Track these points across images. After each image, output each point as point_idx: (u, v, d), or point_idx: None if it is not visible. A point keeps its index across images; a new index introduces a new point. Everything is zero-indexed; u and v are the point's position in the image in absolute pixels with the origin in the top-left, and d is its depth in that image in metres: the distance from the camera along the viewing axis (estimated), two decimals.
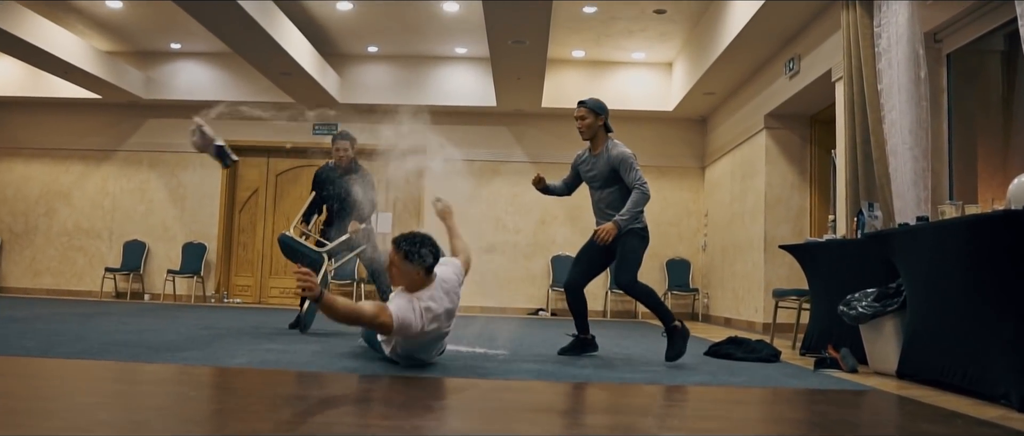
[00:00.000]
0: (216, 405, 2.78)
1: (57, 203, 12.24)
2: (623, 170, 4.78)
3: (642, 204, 4.75)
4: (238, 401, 2.89)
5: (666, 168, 11.76)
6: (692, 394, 3.49)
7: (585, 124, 4.88)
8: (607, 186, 4.90)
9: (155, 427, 2.32)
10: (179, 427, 2.34)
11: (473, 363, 4.34)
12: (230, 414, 2.60)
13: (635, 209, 4.72)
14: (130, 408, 2.66)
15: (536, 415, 2.79)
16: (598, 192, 4.97)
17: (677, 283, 11.52)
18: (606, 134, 4.95)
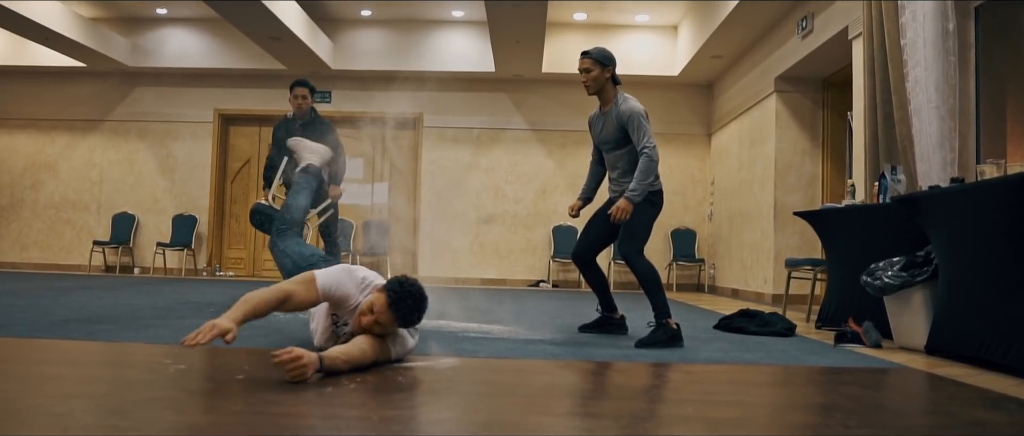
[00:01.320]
0: (147, 392, 2.44)
1: (43, 175, 11.89)
2: (631, 127, 4.30)
3: (652, 172, 4.25)
4: (173, 387, 2.56)
5: (671, 135, 11.36)
6: (704, 374, 3.15)
7: (590, 77, 4.39)
8: (619, 147, 4.40)
9: (76, 417, 1.98)
10: (97, 415, 2.00)
11: (464, 340, 4.00)
12: (162, 403, 2.26)
13: (645, 179, 4.22)
14: (47, 393, 2.33)
15: (522, 400, 2.45)
16: (609, 155, 4.50)
17: (682, 253, 11.18)
18: (614, 87, 4.44)
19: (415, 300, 2.90)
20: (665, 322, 4.10)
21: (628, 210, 4.20)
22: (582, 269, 4.62)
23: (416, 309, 2.92)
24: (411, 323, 2.96)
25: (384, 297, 2.86)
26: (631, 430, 2.08)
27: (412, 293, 2.90)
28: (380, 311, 2.85)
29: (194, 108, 11.68)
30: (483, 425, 2.10)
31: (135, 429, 1.93)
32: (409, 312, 2.90)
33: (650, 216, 4.33)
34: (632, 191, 4.21)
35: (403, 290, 2.89)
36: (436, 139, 11.51)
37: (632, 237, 4.29)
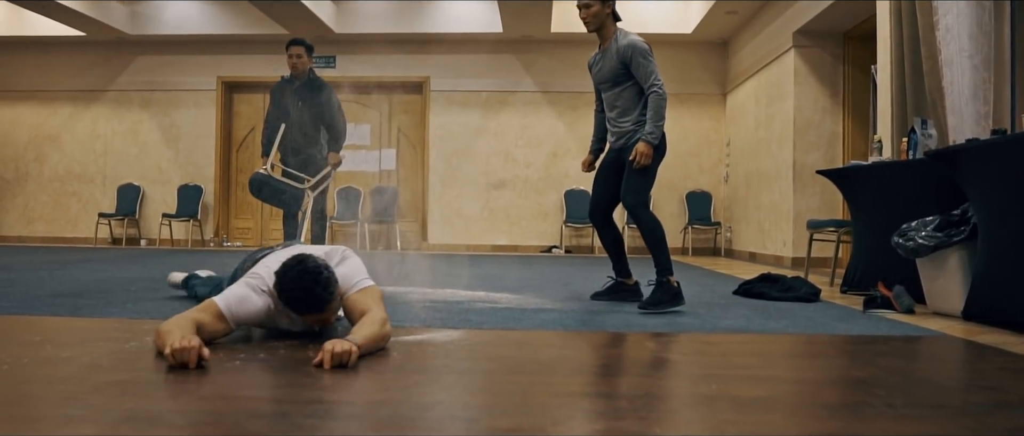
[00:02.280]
0: (112, 374, 2.22)
1: (47, 148, 11.70)
2: (635, 64, 4.04)
3: (663, 110, 4.02)
4: (140, 368, 2.34)
5: (685, 95, 11.04)
6: (726, 345, 2.91)
7: (590, 13, 4.12)
8: (616, 85, 4.16)
9: (26, 404, 1.77)
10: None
11: (469, 311, 3.77)
12: (123, 387, 2.04)
13: (658, 118, 4.00)
14: (2, 377, 2.12)
15: (527, 378, 2.21)
16: (608, 94, 4.25)
17: (698, 217, 10.90)
18: (614, 24, 4.19)
19: (304, 290, 2.51)
20: (666, 280, 3.89)
21: (649, 154, 3.99)
22: (598, 227, 4.40)
23: (307, 298, 2.53)
24: (317, 309, 2.59)
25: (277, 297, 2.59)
26: (648, 413, 1.84)
27: (295, 284, 2.52)
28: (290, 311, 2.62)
29: (197, 76, 11.43)
30: (481, 410, 1.87)
31: (86, 418, 1.71)
32: (302, 304, 2.56)
33: (654, 162, 4.10)
34: (650, 133, 4.00)
35: (284, 286, 2.54)
36: (444, 103, 11.23)
37: (636, 186, 4.07)
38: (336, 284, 2.60)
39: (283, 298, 2.55)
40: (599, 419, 1.79)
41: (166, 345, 2.20)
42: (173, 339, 2.20)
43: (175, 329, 2.31)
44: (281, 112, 5.88)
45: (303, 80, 5.88)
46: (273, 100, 5.97)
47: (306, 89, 5.87)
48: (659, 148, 4.11)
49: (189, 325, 2.39)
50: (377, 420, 1.74)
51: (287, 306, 2.58)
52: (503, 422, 1.74)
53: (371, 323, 2.59)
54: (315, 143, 5.95)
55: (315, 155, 5.96)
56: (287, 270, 2.53)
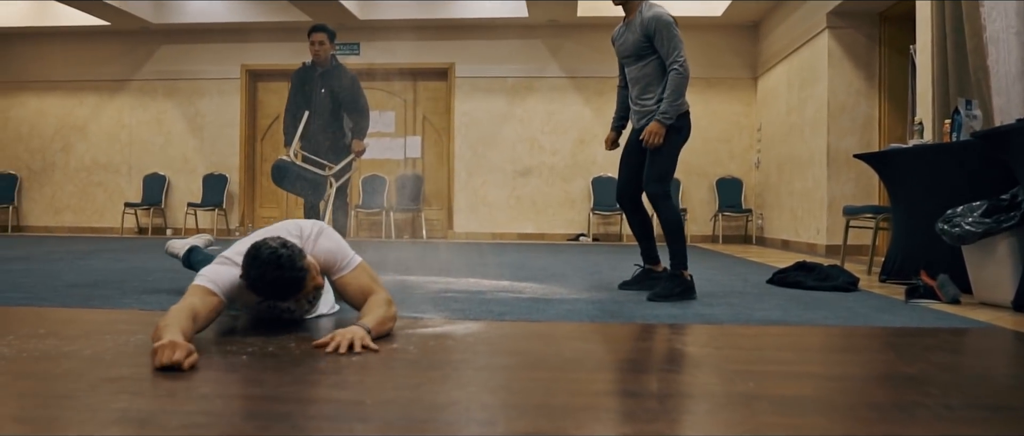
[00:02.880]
0: (109, 370, 2.10)
1: (73, 138, 11.71)
2: (659, 37, 3.86)
3: (682, 89, 3.84)
4: (139, 364, 2.22)
5: (714, 80, 10.81)
6: (762, 338, 2.74)
7: None
8: (639, 59, 3.98)
9: (13, 403, 1.65)
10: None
11: (492, 301, 3.63)
12: (119, 385, 1.92)
13: (675, 98, 3.81)
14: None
15: (550, 375, 2.07)
16: (630, 69, 4.07)
17: (728, 204, 10.68)
18: None
19: (272, 277, 2.38)
20: (680, 273, 3.79)
21: (661, 134, 3.83)
22: (627, 211, 4.23)
23: (277, 283, 2.40)
24: (284, 297, 2.48)
25: None
26: (679, 414, 1.69)
27: (260, 274, 2.38)
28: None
29: (220, 64, 11.38)
30: (498, 410, 1.72)
31: (74, 419, 1.59)
32: (277, 291, 2.43)
33: (676, 144, 3.92)
34: (663, 113, 3.82)
35: (252, 278, 2.40)
36: (469, 90, 11.08)
37: (658, 172, 3.89)
38: (302, 257, 2.45)
39: (257, 291, 2.44)
40: (626, 421, 1.64)
41: (160, 350, 2.03)
42: (162, 352, 2.01)
43: (167, 331, 2.14)
44: (303, 99, 5.77)
45: (326, 67, 5.76)
46: (294, 87, 5.85)
47: (329, 76, 5.75)
48: (682, 130, 3.93)
49: (186, 318, 2.26)
50: (385, 421, 1.61)
51: (263, 296, 2.48)
52: (521, 424, 1.60)
53: (379, 305, 2.53)
54: (338, 131, 5.84)
55: (338, 143, 5.84)
56: (249, 263, 2.41)
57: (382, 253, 7.30)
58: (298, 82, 5.84)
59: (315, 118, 5.71)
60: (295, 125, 5.71)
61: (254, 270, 2.39)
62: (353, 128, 5.82)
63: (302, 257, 2.46)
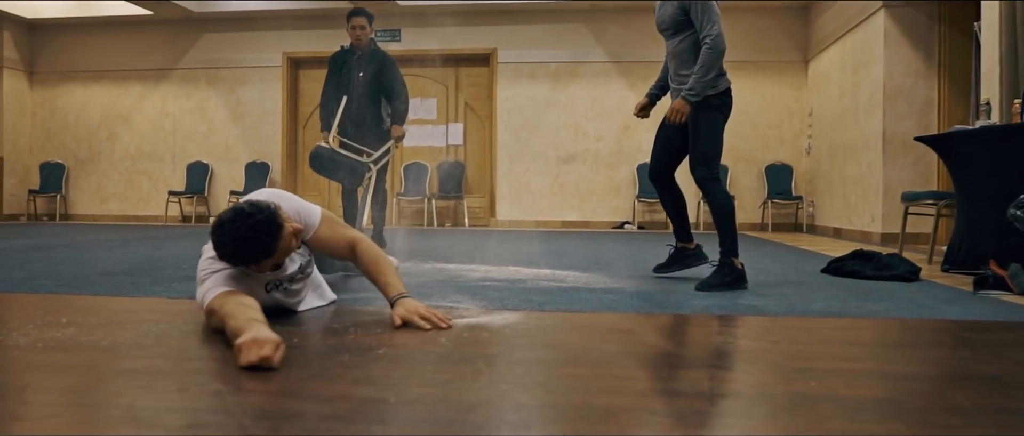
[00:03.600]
0: (127, 361, 1.98)
1: (118, 127, 11.78)
2: (694, 10, 3.69)
3: (713, 65, 3.63)
4: (158, 356, 2.09)
5: (764, 64, 10.50)
6: (823, 331, 2.54)
7: None
8: (677, 33, 3.82)
9: (24, 395, 1.53)
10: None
11: (532, 290, 3.47)
12: (134, 377, 1.79)
13: (705, 74, 3.62)
14: (13, 363, 1.90)
15: (590, 371, 1.90)
16: (669, 42, 3.91)
17: (778, 191, 10.38)
18: None
19: (244, 228, 2.26)
20: (730, 261, 3.60)
21: (684, 112, 3.64)
22: (659, 190, 4.05)
23: (238, 251, 2.29)
24: (259, 250, 2.32)
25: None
26: (735, 417, 1.52)
27: (233, 228, 2.27)
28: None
29: (262, 52, 11.35)
30: (533, 411, 1.56)
31: (72, 418, 1.47)
32: (234, 256, 2.31)
33: (717, 123, 3.72)
34: (689, 90, 3.63)
35: (222, 239, 2.29)
36: (511, 75, 10.90)
37: (701, 154, 3.70)
38: (267, 206, 2.33)
39: (230, 257, 2.31)
40: (675, 425, 1.47)
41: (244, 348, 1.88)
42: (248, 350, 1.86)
43: (250, 325, 1.99)
44: (341, 84, 5.68)
45: (364, 51, 5.65)
46: (331, 72, 5.75)
47: (367, 60, 5.64)
48: (722, 108, 3.73)
49: (252, 307, 2.17)
50: (408, 422, 1.46)
51: (237, 263, 2.35)
52: (558, 427, 1.44)
53: (383, 264, 2.58)
54: (377, 116, 5.74)
55: (377, 129, 5.74)
56: (216, 230, 2.30)
57: (423, 241, 7.18)
58: (336, 67, 5.74)
59: (353, 103, 5.61)
60: (333, 110, 5.61)
61: (224, 233, 2.27)
62: (392, 113, 5.71)
63: (268, 206, 2.33)
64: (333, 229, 2.64)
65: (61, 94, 11.93)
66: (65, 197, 11.81)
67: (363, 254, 2.59)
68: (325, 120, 5.78)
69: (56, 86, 11.93)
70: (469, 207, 11.03)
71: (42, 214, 11.92)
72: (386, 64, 5.70)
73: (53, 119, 11.96)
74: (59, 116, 11.93)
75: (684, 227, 4.06)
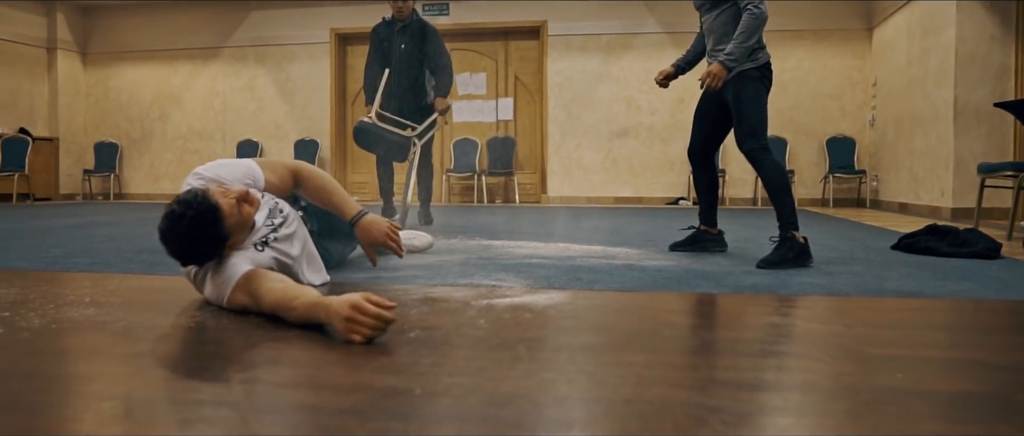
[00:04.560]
0: (129, 346, 1.83)
1: (169, 106, 11.82)
2: None
3: (754, 32, 3.47)
4: (164, 340, 1.94)
5: (824, 32, 10.08)
6: (901, 313, 2.30)
7: None
8: (714, 7, 3.67)
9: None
10: None
11: (581, 268, 3.27)
12: (125, 370, 1.64)
13: (746, 40, 3.46)
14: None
15: (644, 358, 1.70)
16: (705, 18, 3.77)
17: (839, 164, 9.98)
18: None
19: (181, 248, 2.17)
20: (791, 235, 3.39)
21: (721, 77, 3.48)
22: (696, 168, 3.92)
23: (193, 253, 2.18)
24: (212, 255, 2.21)
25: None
26: (812, 415, 1.30)
27: (170, 247, 2.19)
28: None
29: (309, 29, 11.25)
30: (577, 405, 1.36)
31: (65, 411, 1.31)
32: (196, 257, 2.21)
33: (760, 93, 3.55)
34: (728, 54, 3.47)
35: (167, 248, 2.20)
36: (562, 48, 10.64)
37: (748, 126, 3.53)
38: (201, 197, 2.16)
39: (194, 260, 2.21)
40: (740, 422, 1.26)
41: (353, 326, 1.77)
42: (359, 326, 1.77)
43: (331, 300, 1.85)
44: (383, 57, 5.54)
45: (406, 22, 5.50)
46: (373, 45, 5.61)
47: (410, 32, 5.49)
48: (764, 79, 3.56)
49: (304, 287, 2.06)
50: (433, 418, 1.27)
51: (204, 262, 2.23)
52: (605, 426, 1.24)
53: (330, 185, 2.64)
54: (420, 89, 5.59)
55: (421, 102, 5.61)
56: (165, 243, 2.19)
57: (471, 218, 7.02)
58: (377, 39, 5.61)
59: (396, 76, 5.48)
60: (375, 84, 5.49)
61: (171, 244, 2.17)
62: (435, 86, 5.56)
63: (195, 195, 2.17)
64: (274, 170, 2.56)
65: (114, 74, 12.00)
66: (119, 176, 11.90)
67: (307, 180, 2.57)
68: (368, 94, 5.66)
69: (109, 66, 12.00)
70: (519, 183, 10.84)
71: (97, 193, 12.04)
72: (428, 35, 5.56)
73: (106, 99, 12.04)
74: (112, 96, 12.01)
75: (712, 210, 3.97)
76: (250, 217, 2.27)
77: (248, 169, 2.50)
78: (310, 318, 1.91)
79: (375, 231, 2.57)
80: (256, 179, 2.50)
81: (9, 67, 11.06)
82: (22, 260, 3.60)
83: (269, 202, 2.49)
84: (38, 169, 11.01)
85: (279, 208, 2.51)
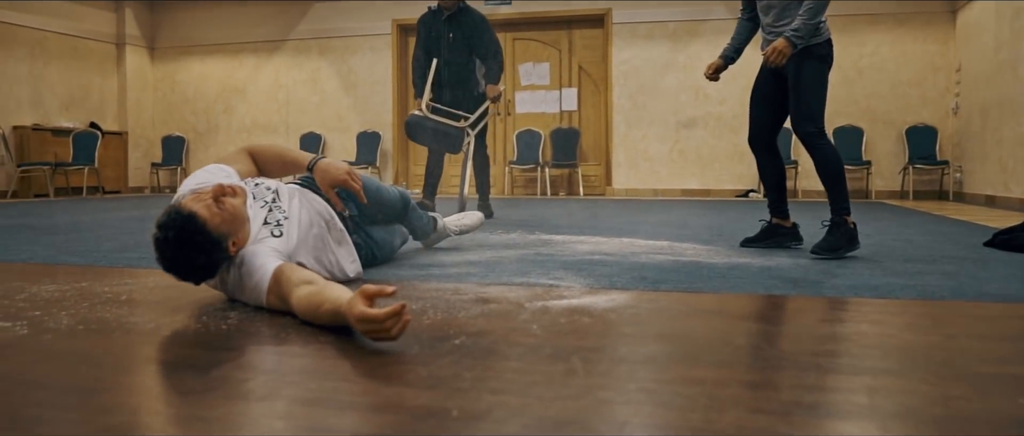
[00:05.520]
0: (144, 348, 1.69)
1: (234, 99, 11.89)
2: None
3: (821, 8, 3.32)
4: (183, 343, 1.79)
5: (904, 16, 9.60)
6: (1007, 320, 2.04)
7: None
8: None
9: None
10: None
11: (645, 266, 3.06)
12: (141, 378, 1.49)
13: (812, 16, 3.31)
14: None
15: (718, 374, 1.48)
16: (764, 2, 3.57)
17: (920, 155, 9.50)
18: None
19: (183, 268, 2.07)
20: (843, 219, 3.33)
21: (785, 53, 3.33)
22: (759, 156, 3.72)
23: (194, 269, 2.08)
24: (217, 264, 2.10)
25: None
26: None
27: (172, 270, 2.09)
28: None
29: (371, 20, 11.19)
30: (637, 431, 1.16)
31: (63, 425, 1.17)
32: (200, 272, 2.10)
33: (822, 73, 3.41)
34: (795, 30, 3.32)
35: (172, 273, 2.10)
36: (627, 36, 10.37)
37: (805, 108, 3.39)
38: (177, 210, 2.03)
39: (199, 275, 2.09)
40: None
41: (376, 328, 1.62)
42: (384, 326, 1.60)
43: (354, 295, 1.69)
44: (430, 47, 5.44)
45: (452, 11, 5.39)
46: (420, 35, 5.51)
47: (456, 20, 5.38)
48: (826, 58, 3.41)
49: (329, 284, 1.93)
50: None
51: (213, 272, 2.11)
52: None
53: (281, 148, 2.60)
54: (470, 78, 5.48)
55: (472, 92, 5.49)
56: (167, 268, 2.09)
57: (532, 211, 6.83)
58: (425, 29, 5.51)
59: (445, 67, 5.38)
60: (424, 75, 5.39)
61: (171, 267, 2.06)
62: (486, 73, 5.43)
63: (171, 212, 2.04)
64: (236, 160, 2.51)
65: (180, 68, 12.12)
66: (185, 170, 12.03)
67: (261, 154, 2.55)
68: (417, 86, 5.55)
69: (175, 61, 12.13)
70: (584, 175, 10.61)
71: (165, 186, 12.20)
72: (476, 23, 5.44)
73: (173, 93, 12.18)
74: (179, 90, 12.14)
75: (782, 201, 3.75)
76: (238, 209, 2.12)
77: (217, 168, 2.40)
78: (336, 323, 1.76)
79: (333, 170, 2.45)
80: (228, 173, 2.38)
81: (80, 62, 11.26)
82: (73, 255, 3.53)
83: (257, 189, 2.38)
84: (108, 163, 11.17)
85: (266, 186, 2.40)
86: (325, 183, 2.47)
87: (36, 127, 10.39)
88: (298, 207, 2.40)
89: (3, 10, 10.18)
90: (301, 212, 2.39)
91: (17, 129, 10.31)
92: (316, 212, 2.46)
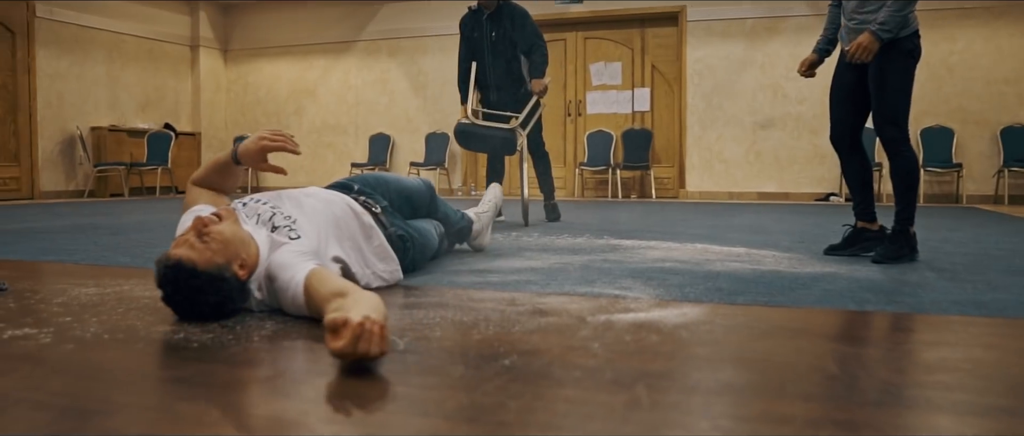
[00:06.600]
0: (142, 362, 1.53)
1: (304, 101, 11.94)
2: None
3: (911, 3, 3.10)
4: (189, 356, 1.63)
5: (999, 9, 9.07)
6: None
7: None
8: None
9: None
10: None
11: (719, 275, 2.82)
12: (138, 388, 1.34)
13: (900, 9, 3.09)
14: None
15: (794, 406, 1.26)
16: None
17: (1016, 157, 8.95)
18: None
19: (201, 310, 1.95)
20: (907, 230, 3.24)
21: (871, 49, 3.11)
22: (843, 155, 3.48)
23: (213, 309, 1.95)
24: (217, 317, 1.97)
25: None
26: None
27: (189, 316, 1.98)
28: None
29: (441, 21, 11.08)
30: None
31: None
32: (217, 310, 1.97)
33: (909, 70, 3.18)
34: (882, 24, 3.09)
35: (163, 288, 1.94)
36: (702, 34, 10.04)
37: (890, 110, 3.18)
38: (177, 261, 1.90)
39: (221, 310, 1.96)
40: None
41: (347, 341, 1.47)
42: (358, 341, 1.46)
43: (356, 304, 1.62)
44: (473, 48, 5.30)
45: (493, 9, 5.23)
46: (463, 37, 5.38)
47: (498, 19, 5.22)
48: (914, 53, 3.15)
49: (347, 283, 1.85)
50: None
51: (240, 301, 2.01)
52: None
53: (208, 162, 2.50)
54: (516, 76, 5.32)
55: (518, 90, 5.34)
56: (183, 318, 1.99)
57: (602, 214, 6.61)
58: (467, 31, 5.37)
59: (489, 68, 5.23)
60: (467, 79, 5.25)
61: (187, 314, 1.97)
62: (530, 67, 5.26)
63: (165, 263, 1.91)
64: (193, 200, 2.40)
65: (252, 70, 12.23)
66: (256, 172, 12.11)
67: (201, 177, 2.47)
68: (462, 92, 5.41)
69: (248, 62, 12.25)
70: (656, 178, 10.32)
71: (237, 187, 12.30)
72: (517, 18, 5.26)
73: (245, 95, 12.29)
74: (251, 92, 12.25)
75: (868, 202, 3.47)
76: (228, 232, 1.99)
77: (189, 215, 2.28)
78: None
79: (250, 143, 2.30)
80: (201, 209, 2.25)
81: (155, 64, 11.44)
82: (125, 255, 3.46)
83: (247, 207, 2.27)
84: (181, 163, 11.32)
85: (261, 201, 2.30)
86: (252, 159, 2.32)
87: (113, 128, 10.58)
88: (310, 206, 2.29)
89: (81, 14, 10.39)
90: (315, 208, 2.29)
91: (95, 130, 10.52)
92: (338, 206, 2.38)
